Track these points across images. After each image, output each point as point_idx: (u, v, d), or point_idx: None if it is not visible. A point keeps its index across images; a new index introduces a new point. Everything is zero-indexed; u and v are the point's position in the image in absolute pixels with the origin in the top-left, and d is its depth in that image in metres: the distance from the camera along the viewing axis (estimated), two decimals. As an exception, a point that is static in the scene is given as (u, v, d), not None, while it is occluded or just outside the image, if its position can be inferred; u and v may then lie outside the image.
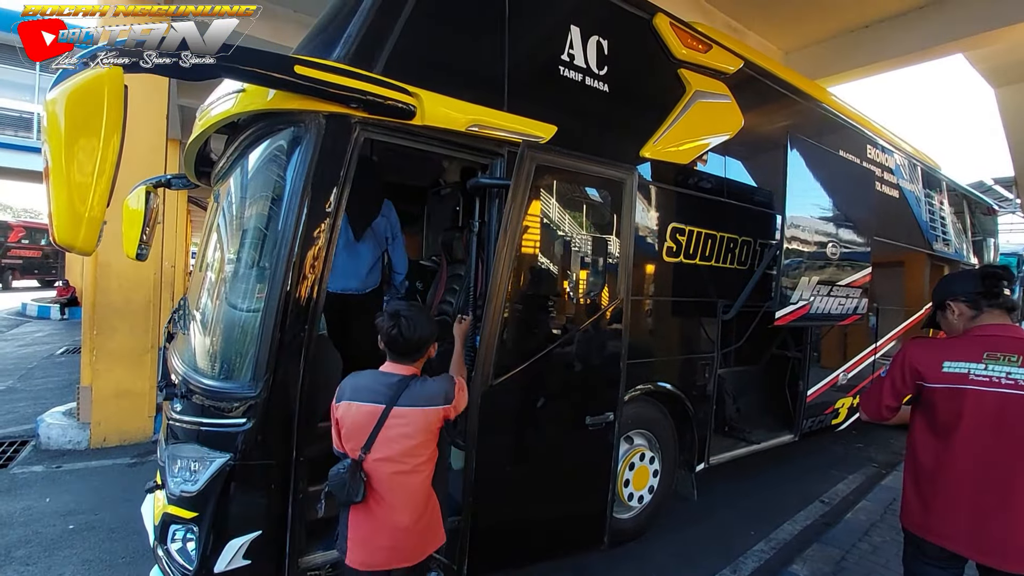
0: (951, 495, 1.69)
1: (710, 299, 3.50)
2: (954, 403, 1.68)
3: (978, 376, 1.65)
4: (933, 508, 1.73)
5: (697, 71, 3.26)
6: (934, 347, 1.79)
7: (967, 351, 1.70)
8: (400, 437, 1.67)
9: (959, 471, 1.68)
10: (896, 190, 5.24)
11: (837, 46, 7.10)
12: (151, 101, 4.72)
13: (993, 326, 1.73)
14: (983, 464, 1.64)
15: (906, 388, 1.81)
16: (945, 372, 1.70)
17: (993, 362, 1.64)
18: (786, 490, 4.20)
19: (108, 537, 3.19)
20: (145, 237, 3.07)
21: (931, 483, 1.74)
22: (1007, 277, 1.76)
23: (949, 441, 1.70)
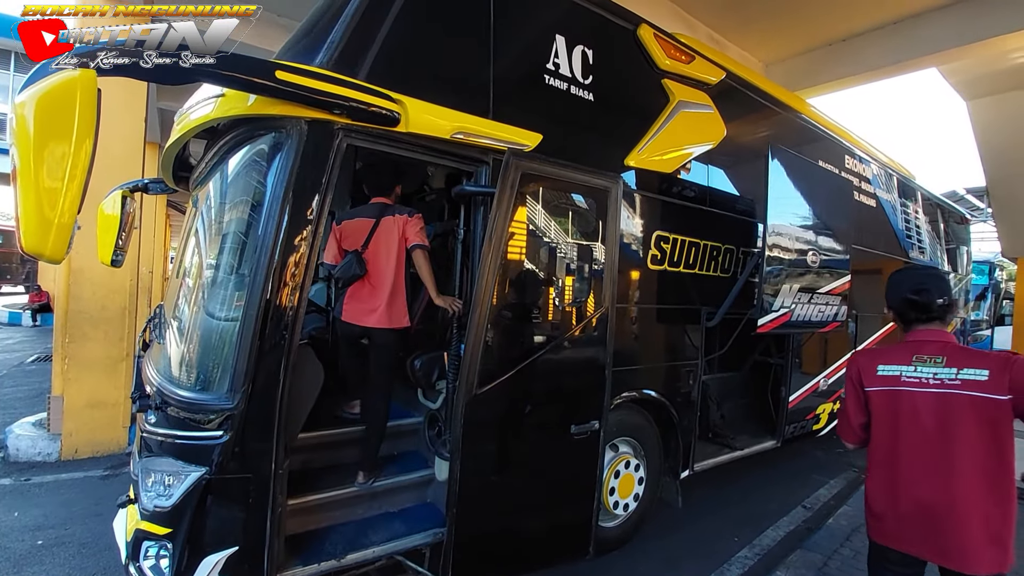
0: (903, 499, 1.71)
1: (694, 306, 3.53)
2: (891, 405, 1.74)
3: (909, 378, 1.71)
4: (890, 514, 1.74)
5: (680, 81, 3.30)
6: (872, 354, 1.86)
7: (899, 355, 1.76)
8: (385, 236, 2.71)
9: (906, 474, 1.71)
10: (873, 199, 5.36)
11: (816, 59, 7.27)
12: (129, 104, 4.62)
13: (922, 331, 1.79)
14: (925, 465, 1.67)
15: (859, 397, 1.84)
16: (880, 375, 1.77)
17: (921, 364, 1.71)
18: (769, 496, 4.24)
19: (78, 553, 3.08)
20: (121, 243, 2.99)
21: (889, 488, 1.76)
22: (932, 298, 1.78)
23: (893, 444, 1.74)
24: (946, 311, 1.80)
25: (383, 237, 2.73)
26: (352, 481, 2.52)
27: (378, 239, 2.73)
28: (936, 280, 1.86)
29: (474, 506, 2.35)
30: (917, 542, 1.68)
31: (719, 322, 3.56)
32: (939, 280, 1.88)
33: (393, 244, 2.72)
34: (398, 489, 2.66)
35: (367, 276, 2.72)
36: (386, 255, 2.72)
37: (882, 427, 1.78)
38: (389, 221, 2.74)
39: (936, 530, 1.64)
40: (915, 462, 1.69)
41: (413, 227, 2.76)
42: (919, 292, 1.80)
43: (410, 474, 2.71)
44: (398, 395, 3.30)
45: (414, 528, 2.47)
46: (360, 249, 2.72)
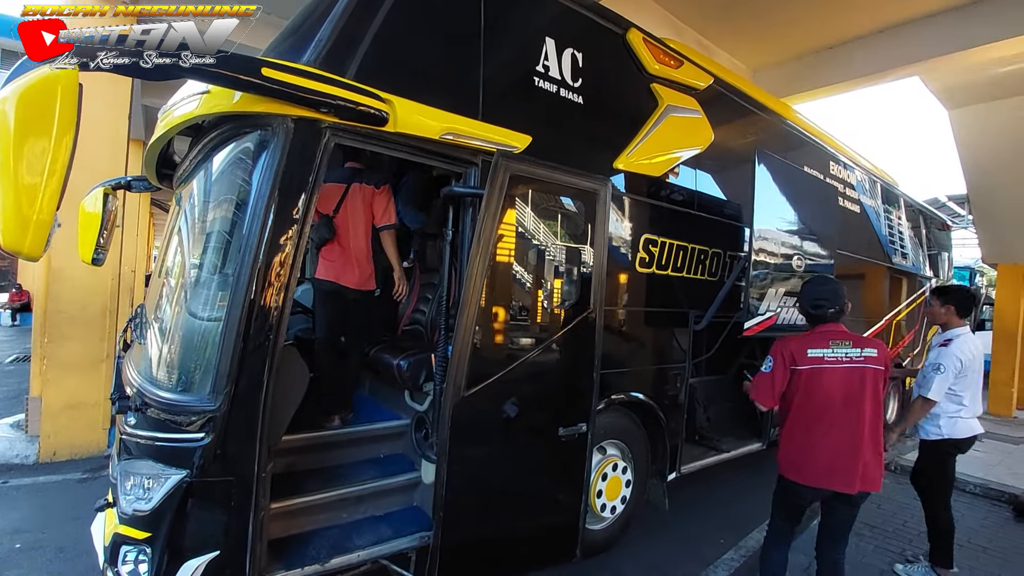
0: (820, 445, 2.28)
1: (682, 310, 3.55)
2: (817, 378, 2.30)
3: (830, 357, 2.31)
4: (806, 457, 2.31)
5: (669, 86, 3.32)
6: (799, 340, 2.40)
7: (819, 341, 2.36)
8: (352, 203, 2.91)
9: (823, 427, 2.28)
10: (857, 205, 5.44)
11: (803, 65, 7.37)
12: (113, 100, 4.55)
13: (827, 325, 2.42)
14: (842, 419, 2.26)
15: (786, 374, 2.36)
16: (809, 356, 2.32)
17: (836, 346, 2.32)
18: (755, 498, 4.25)
19: (56, 557, 3.01)
20: (102, 241, 2.93)
21: (805, 440, 2.32)
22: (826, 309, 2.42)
23: (818, 406, 2.29)
24: (839, 315, 2.43)
25: (351, 203, 2.93)
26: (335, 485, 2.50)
27: (347, 205, 2.93)
28: (830, 293, 2.44)
29: (461, 509, 2.33)
30: (828, 476, 2.26)
31: (706, 325, 3.59)
32: (832, 293, 2.44)
33: (359, 211, 2.94)
34: (384, 492, 2.64)
35: (337, 239, 2.91)
36: (354, 221, 2.93)
37: (807, 396, 2.32)
38: (357, 188, 2.95)
39: (847, 466, 2.24)
40: (835, 418, 2.27)
41: (380, 204, 2.98)
42: (816, 307, 2.45)
43: (396, 477, 2.69)
44: (385, 397, 3.29)
45: (400, 532, 2.45)
46: (332, 213, 2.90)
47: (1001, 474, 4.99)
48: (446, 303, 2.54)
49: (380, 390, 3.37)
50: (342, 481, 2.55)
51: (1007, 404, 8.40)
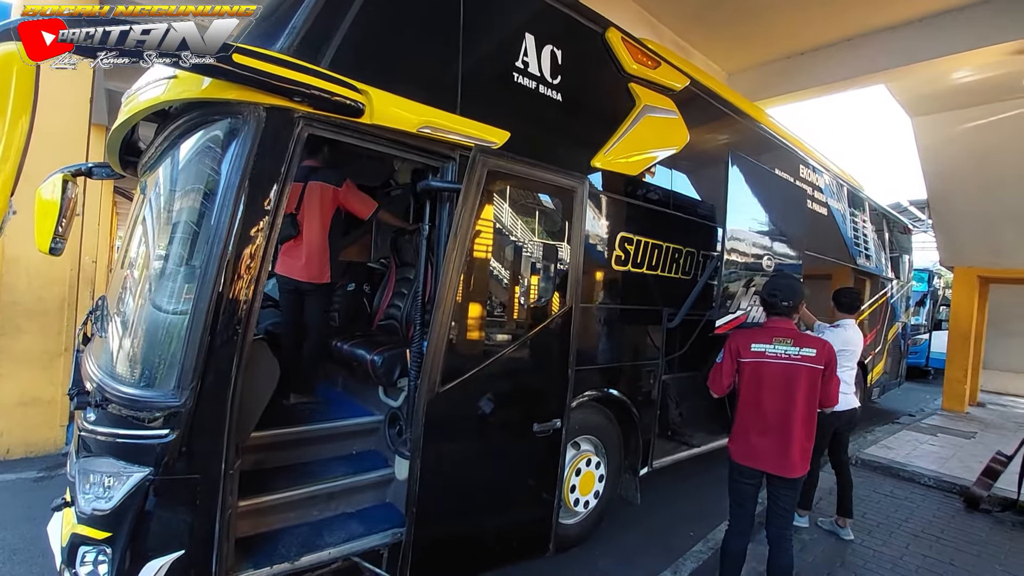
0: (761, 433, 2.50)
1: (656, 307, 3.60)
2: (757, 371, 2.52)
3: (771, 352, 2.51)
4: (750, 443, 2.54)
5: (646, 86, 3.36)
6: (746, 335, 2.63)
7: (763, 336, 2.56)
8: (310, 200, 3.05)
9: (764, 416, 2.50)
10: (825, 208, 5.61)
11: (775, 71, 7.55)
12: (73, 83, 4.35)
13: (776, 320, 2.63)
14: (777, 410, 2.47)
15: (733, 365, 2.59)
16: (752, 351, 2.55)
17: (778, 343, 2.52)
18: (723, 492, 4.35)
19: (9, 559, 2.88)
20: (60, 230, 2.80)
21: (747, 427, 2.56)
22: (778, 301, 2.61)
23: (758, 397, 2.51)
24: (791, 310, 2.62)
25: (308, 201, 3.07)
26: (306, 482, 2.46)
27: (305, 202, 3.06)
28: (785, 287, 2.65)
29: (435, 505, 2.32)
30: (767, 460, 2.50)
31: (679, 323, 3.65)
32: (789, 287, 2.65)
33: (316, 208, 3.07)
34: (356, 489, 2.61)
35: (300, 235, 3.06)
36: (310, 218, 3.07)
37: (750, 387, 2.55)
38: (315, 187, 3.08)
39: (780, 452, 2.47)
40: (771, 409, 2.48)
41: (355, 199, 3.21)
42: (771, 296, 2.64)
43: (369, 473, 2.66)
44: (358, 392, 3.24)
45: (372, 528, 2.43)
46: (294, 211, 3.04)
47: (954, 467, 5.23)
48: (422, 298, 2.52)
49: (353, 386, 3.32)
50: (313, 478, 2.51)
51: (960, 400, 8.80)
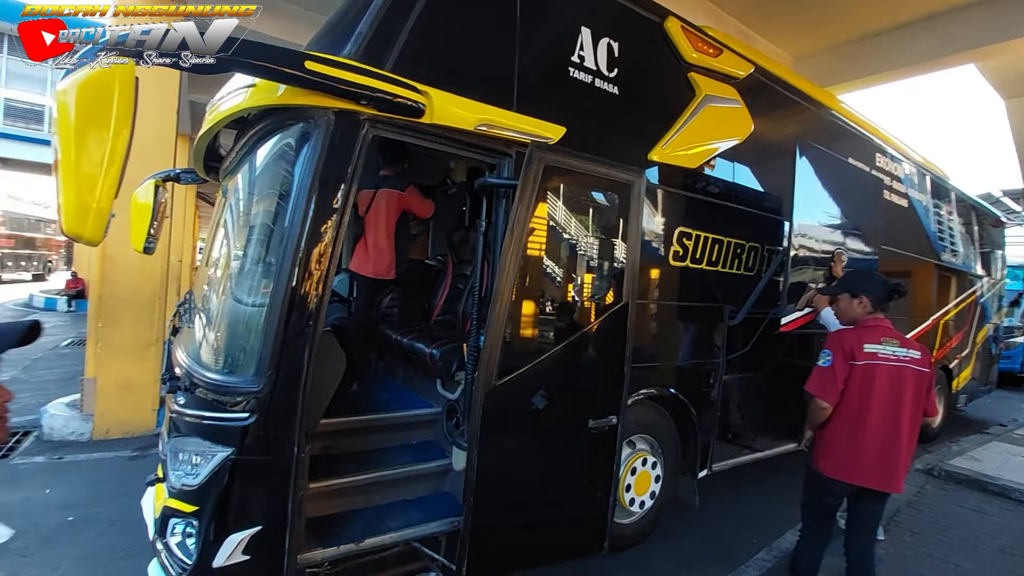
0: (866, 443, 2.25)
1: (716, 304, 3.48)
2: (868, 375, 2.27)
3: (882, 354, 2.28)
4: (853, 456, 2.28)
5: (707, 75, 3.25)
6: (855, 333, 2.37)
7: (872, 337, 2.32)
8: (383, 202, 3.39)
9: (872, 425, 2.25)
10: (904, 199, 5.21)
11: (847, 54, 7.07)
12: (162, 96, 4.74)
13: (878, 319, 2.41)
14: (886, 419, 2.24)
15: (845, 368, 2.30)
16: (865, 352, 2.29)
17: (887, 344, 2.30)
18: (790, 499, 4.12)
19: (107, 530, 3.19)
20: (153, 231, 3.08)
21: (851, 437, 2.28)
22: (897, 296, 2.48)
23: (866, 404, 2.26)
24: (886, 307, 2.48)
25: (377, 205, 3.40)
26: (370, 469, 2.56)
27: (373, 206, 3.40)
28: (897, 284, 2.49)
29: (491, 496, 2.36)
30: (870, 475, 2.26)
31: (741, 321, 3.51)
32: (898, 285, 2.49)
33: (383, 211, 3.40)
34: (416, 477, 2.69)
35: (364, 235, 3.40)
36: (376, 221, 3.40)
37: (857, 391, 2.28)
38: (383, 193, 3.41)
39: (886, 465, 2.25)
40: (879, 418, 2.24)
41: (416, 202, 3.51)
42: (890, 292, 2.44)
43: (428, 463, 2.74)
44: (417, 385, 3.35)
45: (431, 516, 2.50)
46: (363, 214, 3.40)
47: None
48: (478, 294, 2.56)
49: (413, 379, 3.43)
50: (376, 465, 2.62)
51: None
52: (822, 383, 2.35)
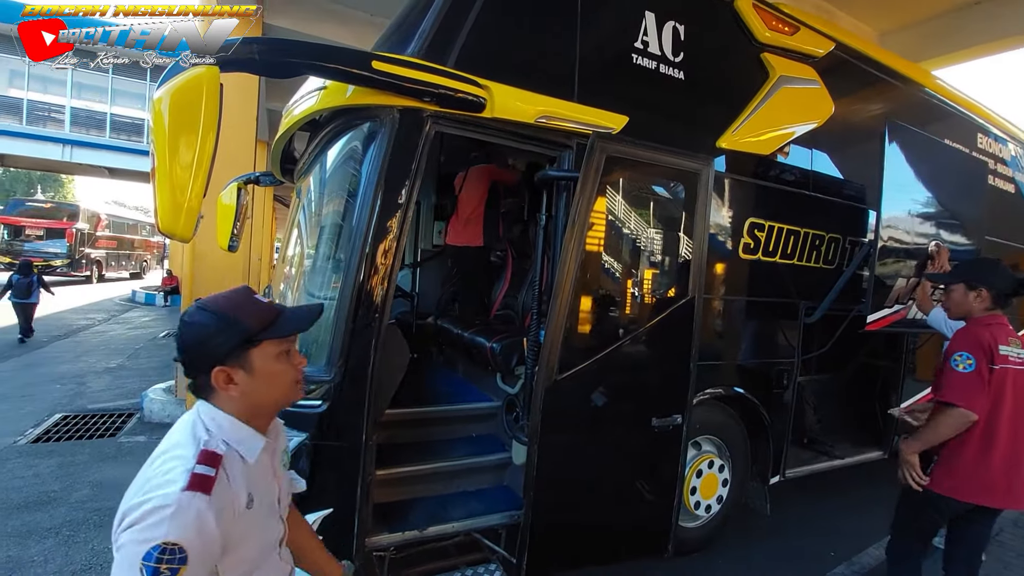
0: (995, 458, 1.98)
1: (791, 300, 3.26)
2: (1002, 380, 1.98)
3: (1013, 357, 2.00)
4: (978, 472, 1.98)
5: (782, 55, 3.04)
6: (991, 332, 2.03)
7: (1003, 337, 2.02)
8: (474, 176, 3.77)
9: (1001, 437, 1.98)
10: (1011, 184, 4.65)
11: (941, 26, 6.39)
12: (243, 105, 5.09)
13: (999, 316, 2.10)
14: (1012, 427, 1.98)
15: (989, 373, 1.97)
16: (1001, 354, 1.99)
17: (1015, 345, 2.02)
18: (874, 512, 3.83)
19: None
20: (236, 230, 3.32)
21: (981, 452, 1.98)
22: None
23: (996, 413, 1.98)
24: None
25: (469, 180, 3.71)
26: (433, 459, 2.62)
27: (466, 183, 3.72)
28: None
29: (551, 492, 2.35)
30: (996, 492, 1.99)
31: (820, 318, 3.27)
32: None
33: (475, 184, 3.69)
34: (476, 470, 2.73)
35: (457, 210, 3.74)
36: (469, 195, 3.72)
37: (993, 401, 1.98)
38: (474, 169, 3.70)
39: (1013, 480, 2.00)
40: (1008, 427, 1.98)
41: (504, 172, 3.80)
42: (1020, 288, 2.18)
43: (488, 456, 2.77)
44: (477, 379, 3.39)
45: (491, 508, 2.52)
46: (457, 193, 3.75)
47: None
48: (539, 288, 2.55)
49: (473, 372, 3.48)
50: (438, 456, 2.68)
51: None
52: (968, 391, 1.96)
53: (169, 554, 0.82)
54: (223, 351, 0.98)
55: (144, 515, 0.84)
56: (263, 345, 1.01)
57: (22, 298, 8.42)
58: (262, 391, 1.01)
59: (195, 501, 0.87)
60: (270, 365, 1.01)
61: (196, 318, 1.01)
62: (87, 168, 16.08)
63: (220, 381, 0.98)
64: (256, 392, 1.01)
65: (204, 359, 0.99)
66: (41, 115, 15.18)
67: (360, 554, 2.09)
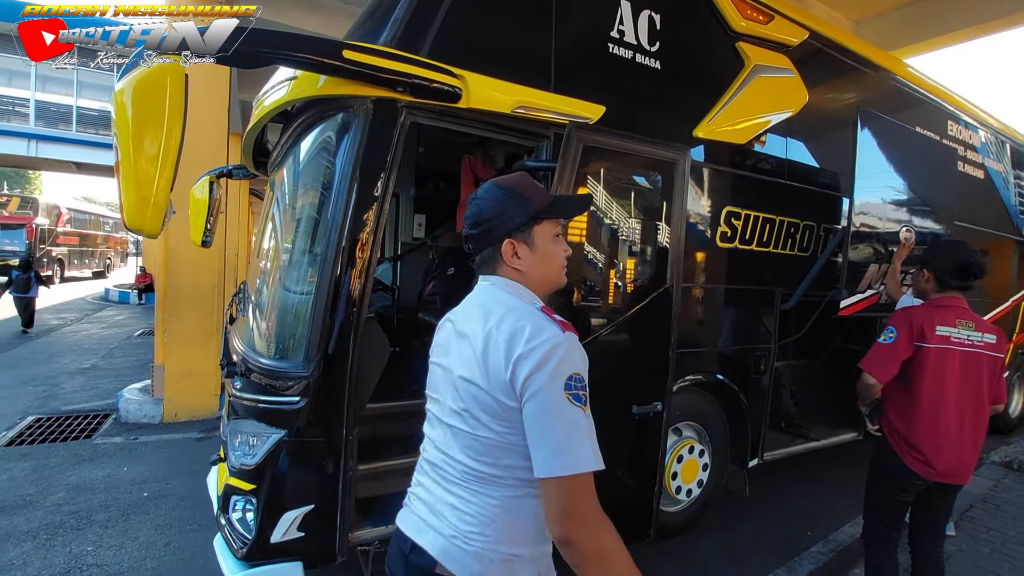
0: (943, 435, 2.06)
1: (767, 287, 3.32)
2: (941, 361, 2.06)
3: (956, 338, 2.07)
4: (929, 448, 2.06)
5: (757, 44, 3.07)
6: (927, 312, 2.12)
7: (946, 318, 2.08)
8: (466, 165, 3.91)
9: (945, 415, 2.06)
10: (980, 170, 4.78)
11: (914, 14, 6.51)
12: (213, 96, 4.96)
13: (954, 298, 2.15)
14: (958, 407, 2.06)
15: (910, 348, 2.09)
16: (937, 335, 2.06)
17: (962, 327, 2.08)
18: (848, 492, 3.95)
19: (178, 505, 3.43)
20: (209, 225, 3.23)
21: (930, 429, 2.07)
22: (978, 275, 2.16)
23: (942, 393, 2.06)
24: (973, 285, 2.20)
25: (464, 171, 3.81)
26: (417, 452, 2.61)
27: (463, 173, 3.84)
28: (977, 256, 2.19)
29: (534, 481, 2.36)
30: (946, 468, 2.06)
31: (795, 304, 3.34)
32: (979, 256, 2.20)
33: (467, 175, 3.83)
34: (460, 461, 2.73)
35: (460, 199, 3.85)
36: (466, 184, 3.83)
37: (931, 379, 2.07)
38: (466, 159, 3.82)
39: (964, 459, 2.09)
40: (956, 408, 2.05)
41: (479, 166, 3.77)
42: (964, 268, 2.14)
43: (471, 448, 2.77)
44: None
45: (475, 499, 2.53)
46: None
47: None
48: (519, 279, 2.54)
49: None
50: (421, 449, 2.67)
51: None
52: (879, 360, 2.13)
53: (577, 381, 0.95)
54: (514, 224, 1.08)
55: (545, 357, 0.93)
56: (544, 224, 1.10)
57: (21, 293, 9.21)
58: (538, 267, 1.10)
59: (574, 337, 0.99)
60: (548, 244, 1.12)
61: (492, 193, 1.10)
62: (54, 163, 15.54)
63: (508, 253, 1.08)
64: (534, 268, 1.10)
65: (497, 231, 1.08)
66: (5, 109, 14.61)
67: (344, 548, 2.08)
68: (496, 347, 0.96)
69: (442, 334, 1.15)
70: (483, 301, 1.09)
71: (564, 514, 0.93)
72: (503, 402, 0.95)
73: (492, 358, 0.96)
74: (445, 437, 1.05)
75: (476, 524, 0.97)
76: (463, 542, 0.97)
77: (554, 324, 0.98)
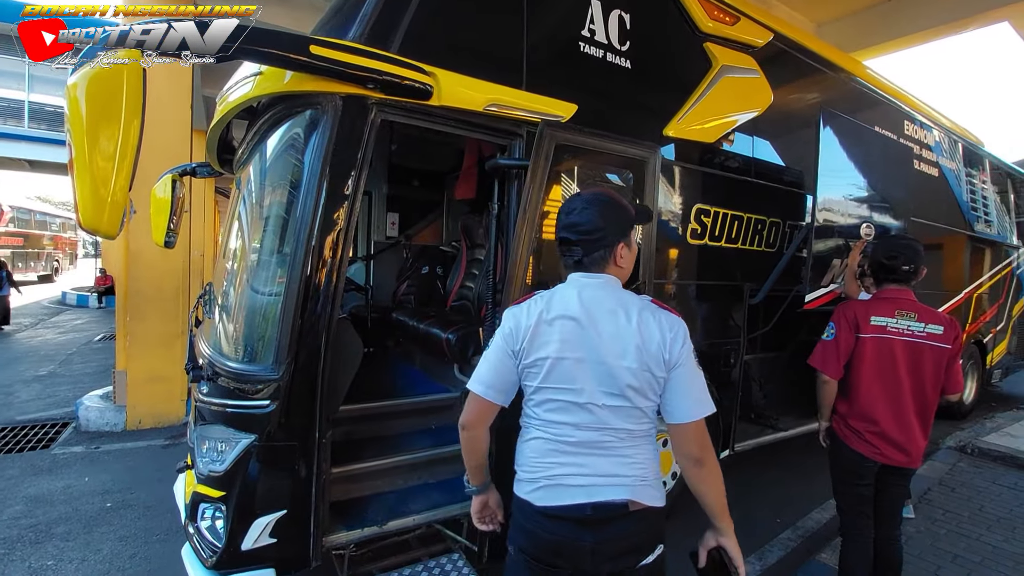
0: (888, 420, 2.17)
1: (736, 282, 3.40)
2: (878, 350, 2.19)
3: (893, 328, 2.18)
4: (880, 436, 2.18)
5: (724, 45, 3.13)
6: (863, 305, 2.28)
7: (884, 309, 2.22)
8: None
9: (888, 402, 2.17)
10: (935, 168, 5.00)
11: (874, 17, 6.76)
12: (176, 92, 4.79)
13: (894, 290, 2.27)
14: (901, 394, 2.16)
15: (850, 341, 2.23)
16: (872, 325, 2.20)
17: (901, 317, 2.19)
18: (815, 479, 4.09)
19: (143, 515, 3.31)
20: (173, 225, 3.12)
21: (871, 415, 2.20)
22: (899, 264, 2.24)
23: (881, 381, 2.19)
24: (911, 276, 2.26)
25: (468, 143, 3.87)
26: (391, 453, 2.59)
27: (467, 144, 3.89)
28: (907, 249, 2.27)
29: (511, 478, 2.36)
30: (896, 453, 2.18)
31: (763, 299, 3.43)
32: (911, 249, 2.28)
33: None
34: (436, 461, 2.71)
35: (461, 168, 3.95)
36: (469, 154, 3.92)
37: (869, 368, 2.21)
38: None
39: (908, 444, 2.17)
40: (896, 396, 2.17)
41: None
42: (890, 258, 2.26)
43: (447, 447, 2.75)
44: (434, 371, 3.37)
45: (452, 499, 2.52)
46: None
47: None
48: (493, 277, 2.54)
49: (430, 364, 3.45)
50: (397, 450, 2.65)
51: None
52: (824, 357, 2.28)
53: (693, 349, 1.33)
54: (626, 228, 1.36)
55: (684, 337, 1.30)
56: (635, 228, 1.39)
57: None
58: (630, 265, 1.40)
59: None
60: (634, 245, 1.40)
61: (603, 204, 1.34)
62: (5, 161, 14.78)
63: (619, 253, 1.34)
64: (628, 267, 1.39)
65: (616, 234, 1.33)
66: (-49, 104, 13.80)
67: (318, 554, 2.05)
68: (651, 337, 1.26)
69: (557, 330, 1.30)
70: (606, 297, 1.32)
71: (701, 444, 1.31)
72: (658, 376, 1.27)
73: (653, 346, 1.26)
74: (601, 416, 1.28)
75: (646, 465, 1.34)
76: (641, 480, 1.33)
77: (670, 311, 1.33)
